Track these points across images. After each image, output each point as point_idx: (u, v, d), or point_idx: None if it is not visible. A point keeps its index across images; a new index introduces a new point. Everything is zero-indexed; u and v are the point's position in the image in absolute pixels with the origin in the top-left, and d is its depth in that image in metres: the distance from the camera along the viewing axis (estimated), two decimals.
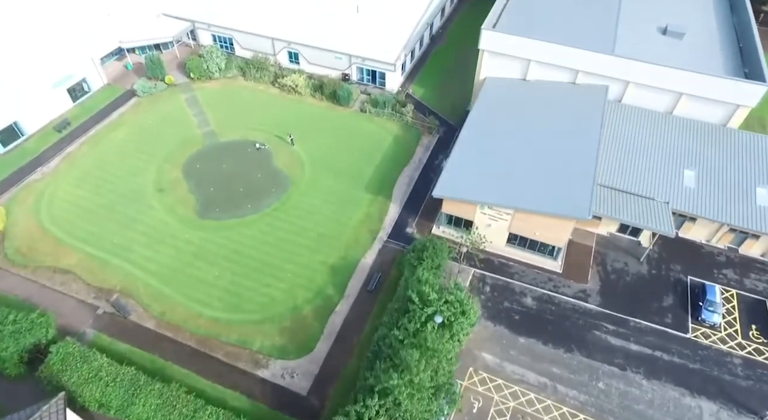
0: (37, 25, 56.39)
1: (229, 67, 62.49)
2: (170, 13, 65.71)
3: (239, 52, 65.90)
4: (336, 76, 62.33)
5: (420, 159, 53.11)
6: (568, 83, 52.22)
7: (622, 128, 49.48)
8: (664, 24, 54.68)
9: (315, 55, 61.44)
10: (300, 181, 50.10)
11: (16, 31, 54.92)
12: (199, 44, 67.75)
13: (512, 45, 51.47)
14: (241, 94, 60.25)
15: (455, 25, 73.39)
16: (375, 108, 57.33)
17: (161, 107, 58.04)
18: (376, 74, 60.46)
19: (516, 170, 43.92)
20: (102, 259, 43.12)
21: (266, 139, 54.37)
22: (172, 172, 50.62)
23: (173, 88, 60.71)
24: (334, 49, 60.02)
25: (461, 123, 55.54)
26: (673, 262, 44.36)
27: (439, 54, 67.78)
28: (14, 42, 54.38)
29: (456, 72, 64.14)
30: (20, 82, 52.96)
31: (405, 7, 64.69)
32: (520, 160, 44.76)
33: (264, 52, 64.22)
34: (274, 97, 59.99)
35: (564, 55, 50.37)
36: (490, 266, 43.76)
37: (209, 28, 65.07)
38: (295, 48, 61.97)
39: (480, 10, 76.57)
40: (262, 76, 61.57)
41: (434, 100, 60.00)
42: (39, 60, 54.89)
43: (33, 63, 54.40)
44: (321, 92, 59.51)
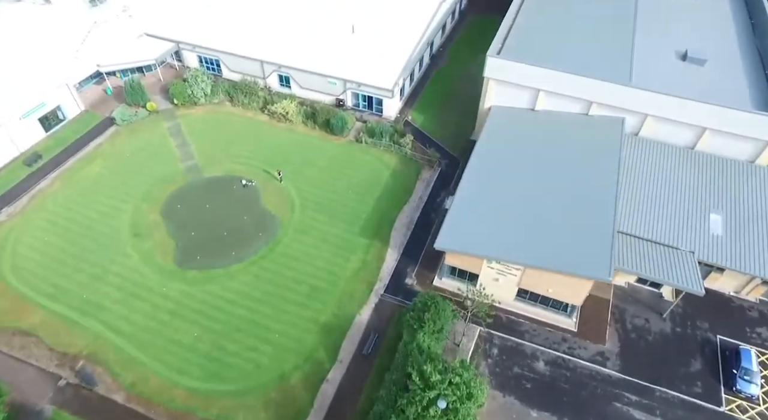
0: (2, 51, 51.74)
1: (216, 92, 57.79)
2: (153, 33, 60.94)
3: (227, 74, 61.17)
4: (330, 101, 57.69)
5: (420, 196, 48.54)
6: (581, 114, 47.62)
7: (640, 165, 44.92)
8: (683, 49, 50.10)
9: (307, 79, 56.77)
10: (289, 223, 45.52)
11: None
12: (184, 66, 63.00)
13: (520, 73, 46.88)
14: (228, 122, 55.55)
15: (456, 43, 68.66)
16: (371, 138, 52.72)
17: (141, 137, 53.34)
18: (372, 100, 55.80)
19: (526, 218, 39.34)
20: (69, 319, 38.53)
21: (254, 174, 49.74)
22: (150, 213, 45.97)
23: (155, 115, 55.99)
24: (327, 74, 55.32)
25: (464, 155, 51.25)
26: (700, 318, 39.90)
27: (440, 75, 63.08)
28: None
29: (458, 95, 59.50)
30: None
31: (404, 26, 59.99)
32: (531, 207, 40.15)
33: (253, 75, 59.54)
34: (264, 125, 55.30)
35: (576, 86, 45.79)
36: (497, 323, 39.24)
37: (194, 49, 60.34)
38: (286, 71, 57.29)
39: (482, 25, 72.19)
40: (250, 102, 56.86)
41: (435, 128, 55.37)
42: (4, 89, 50.26)
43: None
44: (313, 120, 54.84)
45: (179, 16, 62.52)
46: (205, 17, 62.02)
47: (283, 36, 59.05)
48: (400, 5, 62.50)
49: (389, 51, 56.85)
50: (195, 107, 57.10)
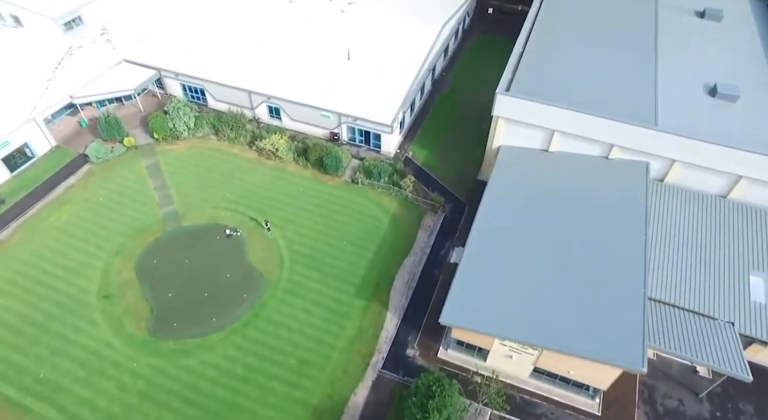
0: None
1: (200, 125, 52.57)
2: (133, 60, 55.69)
3: (213, 103, 55.95)
4: (324, 134, 52.56)
5: (422, 248, 43.47)
6: (600, 157, 42.56)
7: (666, 217, 39.86)
8: (711, 81, 44.95)
9: (299, 111, 51.59)
10: (277, 282, 40.41)
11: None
12: (167, 94, 57.79)
13: (533, 113, 41.73)
14: (213, 160, 50.31)
15: (460, 66, 63.43)
16: (369, 179, 47.62)
17: (117, 178, 48.12)
18: (370, 135, 50.64)
19: (543, 286, 34.20)
20: (21, 405, 33.35)
21: (239, 221, 44.62)
22: (123, 270, 40.84)
23: (134, 151, 50.76)
24: (320, 107, 50.17)
25: (470, 197, 46.26)
26: (743, 399, 34.90)
27: (442, 103, 57.86)
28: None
29: (463, 125, 54.36)
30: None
31: (404, 53, 54.76)
32: (548, 271, 35.02)
33: (240, 106, 54.37)
34: (251, 163, 50.07)
35: (596, 128, 40.65)
36: (510, 403, 34.18)
37: (177, 77, 55.11)
38: (276, 103, 52.13)
39: (486, 46, 67.02)
40: (237, 137, 51.65)
41: (438, 166, 50.22)
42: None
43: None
44: (305, 157, 49.65)
45: (162, 41, 57.28)
46: (190, 43, 56.76)
47: (273, 64, 53.82)
48: (400, 30, 57.31)
49: (388, 81, 51.66)
50: (177, 142, 51.87)
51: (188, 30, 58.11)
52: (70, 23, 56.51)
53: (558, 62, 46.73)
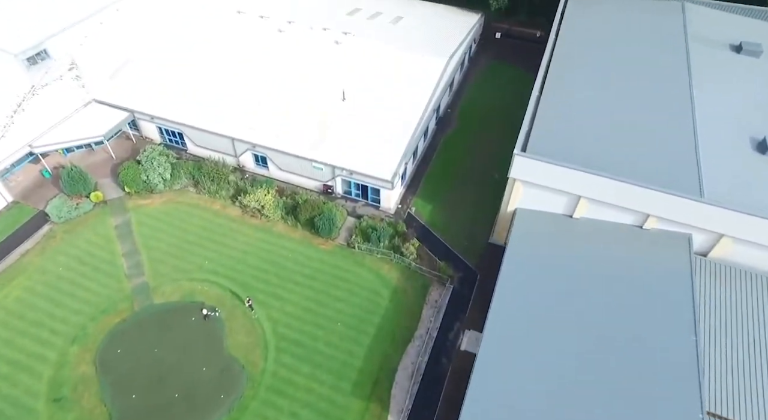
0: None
1: (177, 177, 46.32)
2: (104, 100, 49.37)
3: (193, 148, 49.70)
4: (316, 186, 46.41)
5: (428, 329, 37.39)
6: (634, 227, 36.51)
7: (714, 300, 33.84)
8: (759, 134, 38.84)
9: (287, 161, 45.36)
10: (260, 377, 34.24)
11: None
12: (142, 136, 51.55)
13: (555, 177, 35.57)
14: (191, 218, 44.03)
15: (467, 101, 57.18)
16: (366, 243, 41.54)
17: (80, 241, 41.86)
18: (368, 189, 44.51)
19: (576, 392, 28.17)
20: None
21: (218, 297, 38.48)
22: (80, 363, 34.67)
23: (101, 207, 44.50)
24: (311, 158, 43.99)
25: (482, 265, 40.32)
26: None
27: (448, 146, 51.60)
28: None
29: (472, 175, 48.18)
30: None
31: (406, 91, 48.48)
32: (582, 373, 28.96)
33: (223, 152, 48.17)
34: (234, 222, 43.84)
35: (629, 196, 34.59)
36: None
37: (153, 120, 48.86)
38: (262, 151, 45.94)
39: (495, 74, 60.81)
40: (218, 190, 45.42)
41: (445, 225, 44.04)
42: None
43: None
44: (295, 216, 43.53)
45: (137, 78, 50.86)
46: (168, 80, 50.36)
47: (259, 105, 47.46)
48: (401, 64, 50.89)
49: (388, 126, 45.39)
50: (151, 196, 45.61)
51: (167, 65, 51.70)
52: (33, 58, 50.16)
53: (581, 112, 40.43)
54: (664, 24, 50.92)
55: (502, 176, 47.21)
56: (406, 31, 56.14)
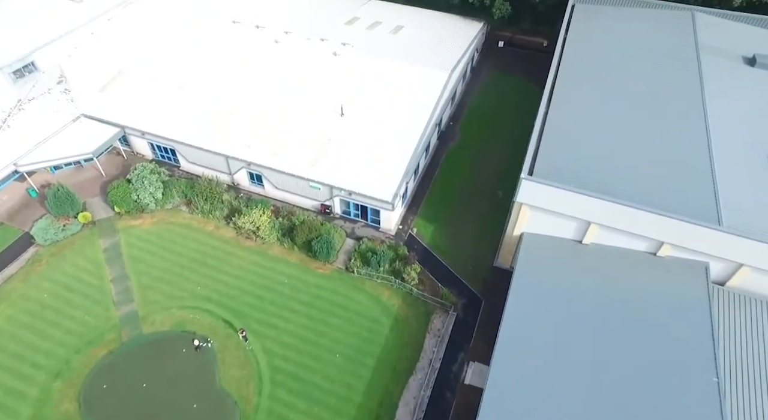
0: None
1: (169, 195, 44.40)
2: (93, 114, 47.42)
3: (185, 165, 47.84)
4: (313, 205, 44.50)
5: (430, 360, 35.49)
6: (648, 254, 34.60)
7: (734, 334, 32.01)
8: None
9: (284, 180, 43.45)
10: (254, 415, 32.31)
11: None
12: (133, 152, 49.64)
13: (565, 202, 33.73)
14: (183, 240, 42.09)
15: (470, 113, 55.22)
16: (366, 267, 39.65)
17: (67, 265, 39.94)
18: (367, 209, 42.62)
19: None
20: None
21: (210, 326, 36.56)
22: (63, 400, 32.70)
23: (90, 228, 42.58)
24: (308, 177, 42.07)
25: (486, 290, 38.47)
26: None
27: (451, 160, 49.67)
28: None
29: (475, 192, 46.26)
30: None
31: (407, 106, 46.51)
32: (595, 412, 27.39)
33: (217, 169, 46.24)
34: (228, 244, 41.91)
35: (643, 223, 32.71)
36: None
37: (144, 136, 46.92)
38: (257, 169, 44.03)
39: (498, 85, 58.83)
40: (212, 210, 43.55)
41: (447, 247, 42.13)
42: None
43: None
44: (291, 238, 41.64)
45: (128, 92, 48.88)
46: (160, 94, 48.35)
47: (254, 121, 45.53)
48: (402, 77, 48.92)
49: (388, 144, 43.41)
50: (142, 216, 43.69)
51: (159, 78, 49.73)
52: (21, 71, 48.32)
53: (590, 131, 38.54)
54: (674, 35, 49.06)
55: (506, 194, 45.75)
56: (407, 42, 54.17)
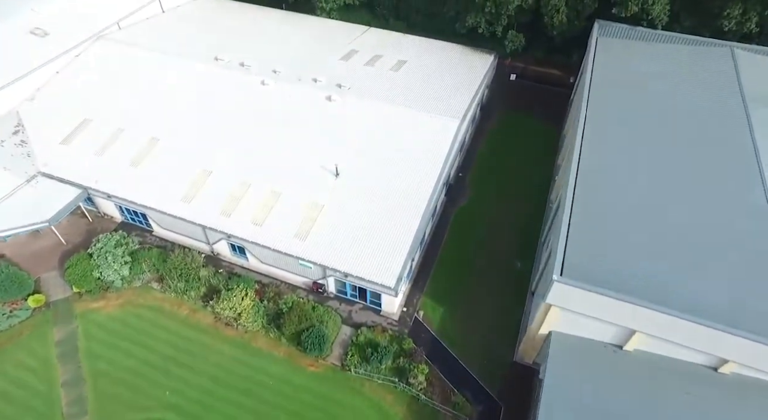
0: None
1: (138, 270, 38.06)
2: (52, 173, 41.00)
3: (159, 230, 41.56)
4: (304, 282, 38.31)
5: None
6: (706, 368, 28.46)
7: None
8: None
9: (270, 255, 37.24)
10: None
11: None
12: (100, 214, 43.32)
13: (606, 308, 27.57)
14: (152, 329, 35.73)
15: (480, 163, 48.66)
16: (365, 364, 33.45)
17: (9, 367, 33.37)
18: (366, 291, 36.40)
19: None
20: None
21: None
22: None
23: (43, 313, 36.33)
24: (296, 255, 35.79)
25: (505, 392, 32.42)
26: None
27: (461, 223, 43.17)
28: None
29: (490, 261, 39.91)
30: None
31: (412, 163, 40.00)
32: None
33: (194, 238, 40.00)
34: (205, 333, 35.61)
35: (700, 337, 26.58)
36: None
37: (110, 198, 40.58)
38: (239, 242, 37.74)
39: (512, 127, 52.36)
40: (188, 289, 37.32)
41: (459, 334, 35.77)
42: None
43: None
44: (278, 328, 35.39)
45: (93, 145, 42.32)
46: (129, 150, 41.75)
47: (235, 181, 39.15)
48: (406, 127, 42.41)
49: (390, 212, 37.07)
50: (106, 296, 37.40)
51: (129, 127, 43.11)
52: None
53: (631, 207, 31.88)
54: (714, 76, 42.63)
55: (525, 265, 39.64)
56: (410, 81, 47.65)
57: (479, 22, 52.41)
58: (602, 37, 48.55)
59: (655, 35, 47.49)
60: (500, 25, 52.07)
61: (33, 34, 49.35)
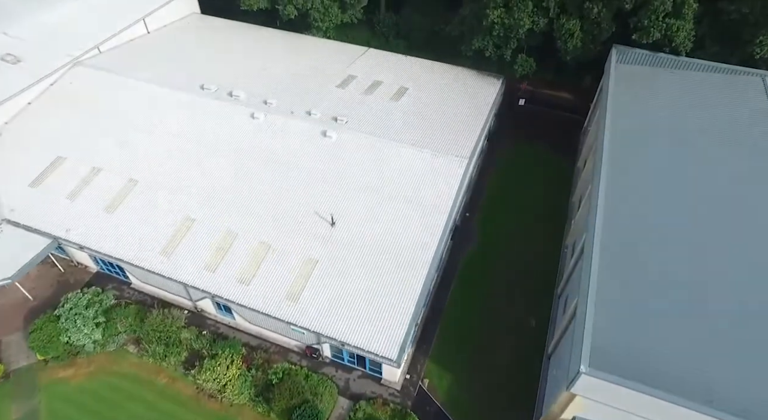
0: None
1: (112, 331, 33.97)
2: (18, 220, 36.99)
3: (137, 283, 37.65)
4: (297, 345, 34.42)
5: None
6: None
7: None
8: None
9: (259, 317, 33.30)
10: None
11: None
12: (73, 262, 39.40)
13: (643, 405, 23.61)
14: (126, 402, 31.60)
15: (488, 200, 44.66)
16: None
17: None
18: (365, 358, 32.50)
19: None
20: None
21: None
22: None
23: (2, 385, 32.41)
24: (287, 321, 31.86)
25: None
26: None
27: (469, 273, 39.00)
28: None
29: (502, 317, 35.94)
30: None
31: (416, 207, 36.13)
32: None
33: (175, 294, 36.10)
34: (185, 408, 31.55)
35: None
36: None
37: (81, 249, 36.61)
38: (225, 302, 33.81)
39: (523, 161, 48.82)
40: (167, 355, 33.36)
41: (469, 408, 31.85)
42: None
43: None
44: (267, 401, 31.45)
45: (64, 187, 38.29)
46: (105, 193, 37.70)
47: (221, 236, 35.14)
48: (408, 168, 38.50)
49: (391, 266, 33.21)
50: (76, 362, 33.44)
51: (106, 167, 39.17)
52: None
53: (664, 277, 27.91)
54: (748, 109, 38.75)
55: (541, 322, 35.85)
56: (412, 112, 43.72)
57: (486, 46, 48.44)
58: (620, 63, 44.60)
59: (677, 62, 43.58)
60: (509, 48, 48.13)
61: (3, 60, 45.36)
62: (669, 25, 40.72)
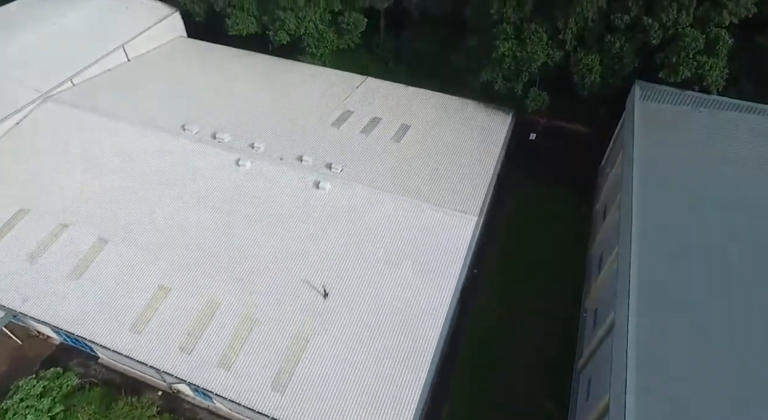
0: None
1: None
2: None
3: (105, 359, 33.21)
4: None
5: None
6: None
7: None
8: None
9: (240, 407, 28.89)
10: None
11: None
12: (33, 332, 34.93)
13: None
14: None
15: (498, 252, 40.28)
16: None
17: None
18: None
19: None
20: None
21: None
22: None
23: None
24: (271, 415, 27.33)
25: None
26: None
27: (477, 339, 34.59)
28: None
29: (515, 398, 31.57)
30: None
31: (419, 273, 31.83)
32: None
33: (146, 374, 31.72)
34: None
35: None
36: None
37: (40, 323, 32.15)
38: (203, 390, 29.40)
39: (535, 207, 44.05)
40: None
41: None
42: None
43: None
44: None
45: (25, 247, 33.75)
46: (70, 255, 33.18)
47: (198, 310, 30.75)
48: (410, 229, 34.10)
49: (393, 348, 28.81)
50: None
51: (72, 223, 34.74)
52: None
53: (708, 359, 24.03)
54: None
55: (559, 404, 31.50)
56: (415, 156, 39.37)
57: (496, 78, 43.96)
58: (643, 100, 40.19)
59: (708, 101, 39.19)
60: (520, 81, 43.68)
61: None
62: (701, 63, 36.37)
